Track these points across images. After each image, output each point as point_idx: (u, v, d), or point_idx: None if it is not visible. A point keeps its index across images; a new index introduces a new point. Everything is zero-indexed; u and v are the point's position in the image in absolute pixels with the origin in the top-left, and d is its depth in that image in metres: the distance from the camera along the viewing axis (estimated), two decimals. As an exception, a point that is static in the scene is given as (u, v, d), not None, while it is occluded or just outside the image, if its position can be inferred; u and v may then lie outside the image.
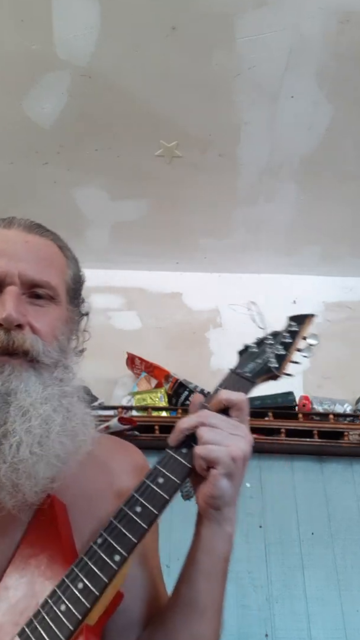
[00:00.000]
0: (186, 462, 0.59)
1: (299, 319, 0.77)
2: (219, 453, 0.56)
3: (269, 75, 1.52)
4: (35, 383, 0.61)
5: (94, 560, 0.54)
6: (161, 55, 1.46)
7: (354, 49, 1.44)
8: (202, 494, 0.58)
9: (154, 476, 0.58)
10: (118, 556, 0.53)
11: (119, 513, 0.57)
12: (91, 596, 0.51)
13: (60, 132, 1.70)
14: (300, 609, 1.61)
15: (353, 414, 1.89)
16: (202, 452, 0.57)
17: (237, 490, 0.59)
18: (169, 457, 0.60)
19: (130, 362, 2.08)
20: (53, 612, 0.52)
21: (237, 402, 0.61)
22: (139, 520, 0.55)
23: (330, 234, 2.17)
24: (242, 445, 0.58)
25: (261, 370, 0.69)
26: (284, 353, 0.71)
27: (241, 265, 2.37)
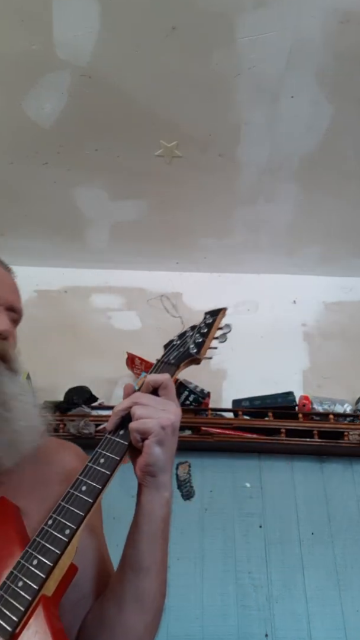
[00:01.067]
0: (123, 441, 0.65)
1: (213, 312, 0.91)
2: (151, 424, 0.63)
3: (269, 75, 1.51)
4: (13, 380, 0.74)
5: (46, 538, 0.58)
6: (161, 55, 1.46)
7: (354, 49, 1.44)
8: (138, 464, 0.65)
9: (96, 458, 0.65)
10: (68, 530, 0.58)
11: (66, 495, 0.62)
12: (45, 567, 0.55)
13: (60, 132, 1.70)
14: (300, 609, 1.61)
15: (353, 414, 1.89)
16: (136, 425, 0.64)
17: (170, 457, 0.66)
18: (107, 440, 0.67)
19: (130, 362, 2.08)
20: (11, 589, 0.55)
21: (162, 381, 0.70)
22: (85, 496, 0.61)
23: (330, 234, 2.17)
24: (171, 417, 0.65)
25: (183, 356, 0.79)
26: (202, 340, 0.83)
27: (241, 265, 2.37)
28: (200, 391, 1.94)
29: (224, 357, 2.19)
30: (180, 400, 1.92)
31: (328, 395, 2.01)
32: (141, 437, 0.64)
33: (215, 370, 2.15)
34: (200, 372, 2.15)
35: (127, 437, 0.65)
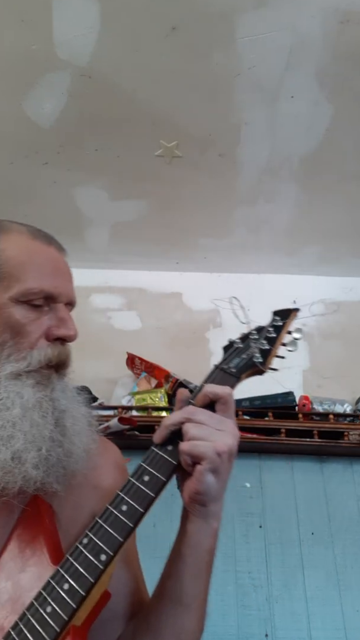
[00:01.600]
0: (172, 459, 0.58)
1: (283, 313, 0.77)
2: (204, 448, 0.56)
3: (269, 75, 1.51)
4: (71, 391, 0.70)
5: (80, 561, 0.53)
6: (161, 55, 1.46)
7: (354, 49, 1.44)
8: (187, 490, 0.58)
9: (139, 474, 0.58)
10: (104, 555, 0.53)
11: (104, 512, 0.56)
12: (77, 596, 0.51)
13: (60, 132, 1.70)
14: (300, 609, 1.61)
15: (353, 414, 1.89)
16: (187, 447, 0.57)
17: (223, 486, 0.59)
18: (154, 454, 0.59)
19: (130, 362, 2.08)
20: (39, 614, 0.51)
21: (223, 396, 0.61)
22: (125, 518, 0.55)
23: (330, 234, 2.17)
24: (228, 440, 0.57)
25: (246, 365, 0.68)
26: (268, 348, 0.71)
27: (241, 265, 2.37)
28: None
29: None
30: (180, 400, 1.92)
31: (328, 395, 2.01)
32: (192, 461, 0.57)
33: (215, 370, 2.15)
34: (200, 372, 2.15)
35: (176, 455, 0.58)
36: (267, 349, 0.71)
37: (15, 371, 0.62)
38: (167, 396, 1.94)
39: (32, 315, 0.64)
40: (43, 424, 0.61)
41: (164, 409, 1.89)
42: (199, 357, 2.19)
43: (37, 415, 0.61)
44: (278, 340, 0.73)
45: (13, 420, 0.60)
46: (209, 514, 0.59)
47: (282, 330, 0.74)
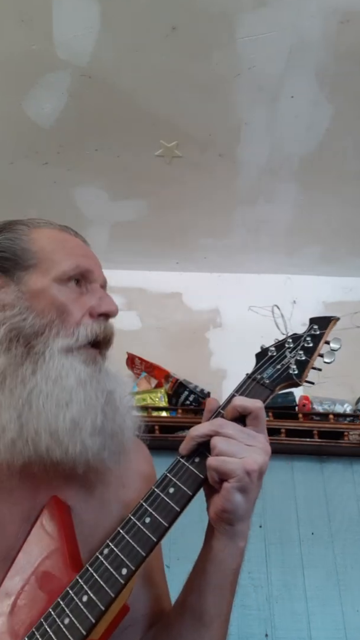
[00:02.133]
0: (198, 472, 0.56)
1: (322, 321, 0.72)
2: (233, 465, 0.53)
3: (269, 75, 1.51)
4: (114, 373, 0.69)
5: (100, 573, 0.51)
6: (161, 55, 1.46)
7: (354, 49, 1.44)
8: (214, 507, 0.56)
9: (165, 485, 0.56)
10: (125, 569, 0.51)
11: (126, 523, 0.54)
12: (96, 610, 0.49)
13: (60, 132, 1.70)
14: (300, 609, 1.61)
15: (353, 414, 1.89)
16: (215, 463, 0.54)
17: (251, 505, 0.56)
18: (180, 465, 0.57)
19: (130, 362, 2.08)
20: (56, 625, 0.50)
21: (254, 410, 0.58)
22: (148, 532, 0.53)
23: (330, 234, 2.17)
24: (258, 458, 0.54)
25: (281, 377, 0.65)
26: (305, 359, 0.67)
27: (241, 265, 2.37)
28: (200, 391, 1.94)
29: (224, 357, 2.19)
30: (180, 400, 1.92)
31: (328, 395, 2.01)
32: (220, 478, 0.54)
33: (215, 370, 2.15)
34: (200, 372, 2.16)
35: (204, 468, 0.55)
36: (304, 360, 0.67)
37: (66, 346, 0.62)
38: (167, 396, 1.94)
39: (73, 295, 0.66)
40: (95, 397, 0.61)
41: (164, 409, 1.89)
42: (199, 357, 2.19)
43: (90, 388, 0.62)
44: (316, 351, 0.69)
45: (70, 389, 0.60)
46: (236, 534, 0.57)
47: (320, 340, 0.70)
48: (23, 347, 0.61)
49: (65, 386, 0.60)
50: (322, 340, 0.70)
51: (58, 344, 0.62)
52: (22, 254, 0.67)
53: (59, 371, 0.61)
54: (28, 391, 0.59)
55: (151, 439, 1.99)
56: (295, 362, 0.66)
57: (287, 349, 0.68)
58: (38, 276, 0.65)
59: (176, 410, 1.89)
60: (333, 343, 0.70)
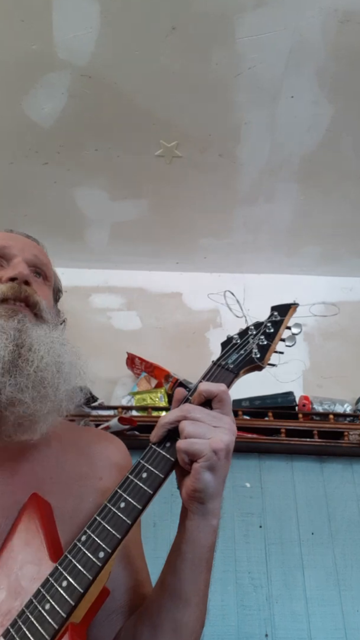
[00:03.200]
0: (169, 456, 0.59)
1: (282, 308, 0.77)
2: (201, 446, 0.56)
3: (269, 75, 1.51)
4: (43, 329, 0.72)
5: (78, 558, 0.54)
6: (161, 55, 1.46)
7: (354, 49, 1.44)
8: (185, 488, 0.59)
9: (138, 471, 0.58)
10: (102, 553, 0.53)
11: (102, 510, 0.57)
12: (75, 594, 0.51)
13: (60, 132, 1.70)
14: (300, 609, 1.61)
15: (353, 414, 1.89)
16: (184, 445, 0.57)
17: (221, 483, 0.59)
18: (152, 452, 0.60)
19: (130, 362, 2.08)
20: (37, 611, 0.51)
21: (218, 393, 0.61)
22: (123, 515, 0.55)
23: (330, 234, 2.17)
24: (224, 437, 0.58)
25: (244, 361, 0.69)
26: (267, 343, 0.71)
27: (241, 265, 2.37)
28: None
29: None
30: (180, 400, 1.91)
31: (328, 395, 2.01)
32: (189, 459, 0.57)
33: (215, 370, 2.15)
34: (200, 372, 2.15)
35: (174, 452, 0.59)
36: (265, 345, 0.71)
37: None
38: (167, 396, 1.94)
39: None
40: (5, 338, 0.66)
41: (164, 409, 1.89)
42: (199, 357, 2.18)
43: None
44: (277, 335, 0.73)
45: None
46: (208, 511, 0.59)
47: (280, 326, 0.74)
48: None
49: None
50: (283, 326, 0.74)
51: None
52: None
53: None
54: None
55: (151, 438, 1.97)
56: (257, 347, 0.70)
57: (249, 336, 0.73)
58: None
59: (176, 410, 1.89)
60: (294, 328, 0.74)
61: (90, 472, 0.70)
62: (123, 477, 0.59)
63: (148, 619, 0.62)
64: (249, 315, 0.78)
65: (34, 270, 0.79)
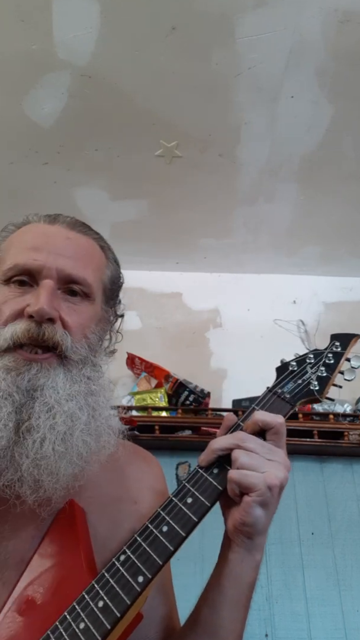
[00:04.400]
0: (217, 484, 0.56)
1: (343, 338, 0.73)
2: (255, 480, 0.53)
3: (269, 75, 1.51)
4: (62, 379, 0.61)
5: (116, 579, 0.51)
6: (161, 55, 1.45)
7: (354, 49, 1.44)
8: (233, 519, 0.56)
9: (183, 495, 0.56)
10: (142, 577, 0.51)
11: (144, 531, 0.54)
12: (112, 617, 0.49)
13: (60, 132, 1.70)
14: (300, 609, 1.61)
15: (353, 414, 1.89)
16: (237, 476, 0.54)
17: (270, 519, 0.57)
18: (199, 476, 0.57)
19: (130, 362, 2.08)
20: (72, 629, 0.50)
21: (275, 425, 0.58)
22: (165, 541, 0.53)
23: (330, 234, 2.17)
24: (279, 474, 0.55)
25: (302, 392, 0.65)
26: (326, 375, 0.68)
27: (241, 265, 2.37)
28: (200, 391, 1.94)
29: (224, 357, 2.19)
30: (180, 400, 1.92)
31: (328, 395, 2.00)
32: (240, 491, 0.54)
33: (215, 370, 2.15)
34: (200, 372, 2.16)
35: (223, 480, 0.56)
36: (325, 377, 0.68)
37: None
38: (167, 396, 1.94)
39: (12, 294, 0.62)
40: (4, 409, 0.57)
41: (164, 409, 1.89)
42: (199, 357, 2.19)
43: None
44: (337, 367, 0.69)
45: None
46: (254, 547, 0.57)
47: (341, 358, 0.70)
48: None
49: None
50: (343, 358, 0.70)
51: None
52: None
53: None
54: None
55: (151, 439, 2.00)
56: (317, 378, 0.67)
57: (308, 364, 0.69)
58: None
59: (176, 410, 1.89)
60: (354, 361, 0.70)
61: (125, 495, 0.67)
62: (165, 499, 0.57)
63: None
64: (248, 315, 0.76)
65: (67, 289, 0.64)
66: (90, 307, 0.67)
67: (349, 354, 0.71)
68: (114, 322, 0.75)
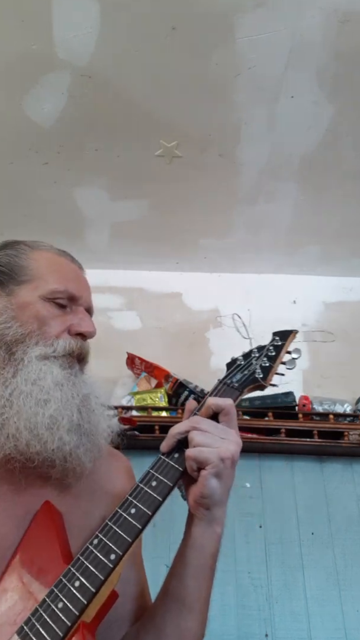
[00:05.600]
0: (178, 466, 0.62)
1: (283, 334, 0.83)
2: (209, 454, 0.60)
3: (269, 75, 1.51)
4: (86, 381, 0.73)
5: (90, 560, 0.56)
6: (161, 55, 1.46)
7: (354, 49, 1.44)
8: (192, 494, 0.62)
9: (147, 480, 0.62)
10: (113, 555, 0.55)
11: (114, 515, 0.59)
12: (88, 593, 0.53)
13: (60, 132, 1.70)
14: (300, 609, 1.61)
15: (353, 414, 1.89)
16: (193, 453, 0.60)
17: (226, 491, 0.63)
18: (161, 462, 0.64)
19: (130, 362, 2.08)
20: (50, 609, 0.53)
21: (225, 407, 0.65)
22: (134, 520, 0.58)
23: (330, 234, 2.17)
24: (231, 447, 0.61)
25: (248, 380, 0.73)
26: (269, 365, 0.76)
27: (241, 265, 2.37)
28: (200, 391, 1.94)
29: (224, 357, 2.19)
30: (180, 400, 1.92)
31: (328, 395, 2.01)
32: (197, 466, 0.61)
33: (215, 370, 2.15)
34: (200, 372, 2.16)
35: (183, 462, 0.62)
36: (267, 366, 0.76)
37: (44, 354, 0.68)
38: (167, 396, 1.94)
39: (56, 312, 0.72)
40: (72, 397, 0.67)
41: (164, 409, 1.89)
42: (199, 357, 2.19)
43: (67, 388, 0.67)
44: (278, 358, 0.78)
45: (48, 389, 0.66)
46: (213, 518, 0.63)
47: (281, 350, 0.79)
48: (5, 353, 0.68)
49: (43, 386, 0.66)
50: (284, 350, 0.80)
51: (36, 351, 0.68)
52: (18, 270, 0.73)
53: (37, 374, 0.67)
54: (9, 392, 0.65)
55: (151, 439, 1.99)
56: (261, 368, 0.76)
57: (253, 358, 0.79)
58: (28, 291, 0.71)
59: (176, 410, 1.89)
60: (294, 353, 0.80)
61: (98, 489, 0.72)
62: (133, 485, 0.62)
63: (152, 625, 0.64)
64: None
65: None
66: None
67: (288, 347, 0.81)
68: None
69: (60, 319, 0.72)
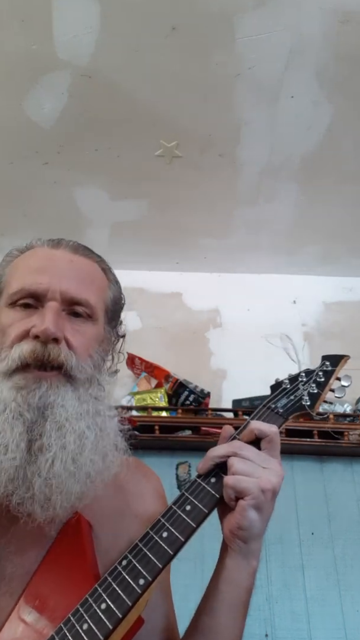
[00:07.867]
0: (214, 492, 0.59)
1: (333, 359, 0.79)
2: (249, 484, 0.56)
3: (269, 75, 1.51)
4: (71, 398, 0.62)
5: (118, 582, 0.53)
6: (161, 55, 1.46)
7: (354, 49, 1.44)
8: (229, 524, 0.58)
9: (182, 503, 0.58)
10: (142, 580, 0.53)
11: (144, 537, 0.56)
12: (114, 617, 0.51)
13: (60, 132, 1.70)
14: (300, 609, 1.61)
15: (353, 414, 1.89)
16: (232, 481, 0.56)
17: (264, 524, 0.58)
18: (197, 485, 0.60)
19: (130, 362, 2.08)
20: (75, 630, 0.51)
21: (269, 434, 0.61)
22: (165, 545, 0.55)
23: (330, 234, 2.17)
24: (272, 479, 0.58)
25: (294, 407, 0.69)
26: (317, 392, 0.72)
27: (241, 265, 2.37)
28: (200, 391, 1.94)
29: (224, 357, 2.19)
30: (180, 400, 1.92)
31: (328, 395, 2.00)
32: (235, 496, 0.57)
33: (215, 370, 2.15)
34: (200, 372, 2.16)
35: (220, 488, 0.58)
36: (315, 393, 0.72)
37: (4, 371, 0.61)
38: (167, 396, 1.94)
39: (18, 316, 0.64)
40: (10, 430, 0.57)
41: (164, 409, 1.89)
42: (199, 357, 2.19)
43: (6, 418, 0.58)
44: (327, 386, 0.74)
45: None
46: (249, 551, 0.59)
47: (331, 377, 0.75)
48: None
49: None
50: (334, 377, 0.75)
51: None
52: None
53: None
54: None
55: (151, 439, 1.99)
56: (308, 394, 0.71)
57: (300, 382, 0.74)
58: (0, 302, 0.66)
59: (176, 410, 1.89)
60: (343, 380, 0.76)
61: (126, 509, 0.68)
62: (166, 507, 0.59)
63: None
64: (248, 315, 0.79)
65: (71, 311, 0.65)
66: (94, 328, 0.68)
67: (338, 374, 0.76)
68: (115, 342, 0.76)
69: (20, 323, 0.63)
